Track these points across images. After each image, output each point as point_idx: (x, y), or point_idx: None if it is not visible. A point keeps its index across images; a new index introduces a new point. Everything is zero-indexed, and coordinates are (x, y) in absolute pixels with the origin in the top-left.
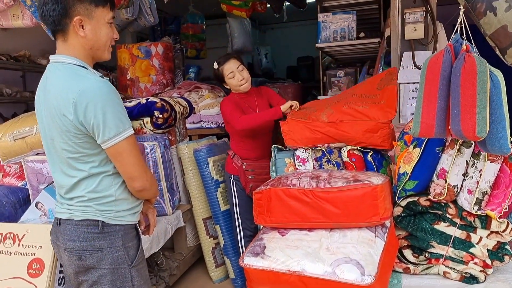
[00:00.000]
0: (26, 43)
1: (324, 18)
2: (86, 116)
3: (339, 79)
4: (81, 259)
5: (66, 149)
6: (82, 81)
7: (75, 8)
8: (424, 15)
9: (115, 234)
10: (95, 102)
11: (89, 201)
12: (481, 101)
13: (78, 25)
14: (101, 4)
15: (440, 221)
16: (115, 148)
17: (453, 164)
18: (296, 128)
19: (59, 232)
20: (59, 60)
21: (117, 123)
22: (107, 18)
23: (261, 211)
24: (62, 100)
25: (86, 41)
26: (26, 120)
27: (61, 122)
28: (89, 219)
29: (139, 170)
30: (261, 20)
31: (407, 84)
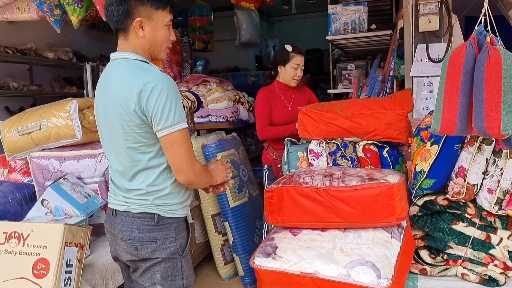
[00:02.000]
0: (32, 36)
1: (334, 10)
2: (148, 104)
3: (350, 72)
4: (137, 249)
5: (126, 139)
6: (146, 74)
7: (137, 10)
8: (439, 6)
9: (168, 227)
10: (157, 92)
11: (147, 195)
12: (507, 97)
13: (138, 26)
14: (161, 7)
15: (458, 221)
16: (168, 138)
17: (472, 162)
18: (310, 120)
19: (115, 222)
20: (122, 56)
21: (174, 115)
22: (166, 21)
23: (273, 210)
24: (126, 91)
25: (144, 41)
26: (31, 115)
27: (124, 112)
28: (146, 212)
29: (186, 162)
30: (269, 12)
31: (420, 77)
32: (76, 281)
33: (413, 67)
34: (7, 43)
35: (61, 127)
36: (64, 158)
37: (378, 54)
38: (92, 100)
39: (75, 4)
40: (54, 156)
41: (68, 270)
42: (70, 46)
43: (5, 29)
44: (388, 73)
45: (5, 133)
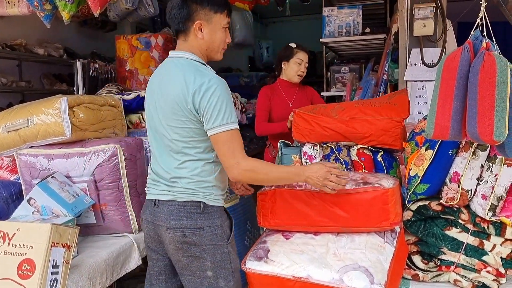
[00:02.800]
0: (22, 32)
1: (329, 13)
2: (201, 104)
3: (343, 75)
4: (185, 236)
5: (178, 133)
6: (203, 75)
7: (197, 13)
8: (434, 11)
9: (213, 215)
10: (210, 94)
11: (193, 184)
12: (500, 103)
13: (198, 28)
14: (220, 10)
15: (452, 227)
16: (215, 137)
17: (467, 167)
18: (304, 122)
19: (159, 212)
20: (181, 55)
21: (223, 116)
22: (223, 23)
23: (265, 212)
24: (183, 90)
25: (203, 43)
26: (19, 112)
27: (179, 108)
28: (193, 200)
29: (229, 161)
30: (263, 13)
31: (414, 82)
32: (62, 282)
33: (407, 71)
34: None
35: (50, 124)
36: (53, 156)
37: (372, 57)
38: (82, 98)
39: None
40: (42, 154)
41: (54, 271)
42: (61, 43)
43: None
44: (382, 76)
45: None
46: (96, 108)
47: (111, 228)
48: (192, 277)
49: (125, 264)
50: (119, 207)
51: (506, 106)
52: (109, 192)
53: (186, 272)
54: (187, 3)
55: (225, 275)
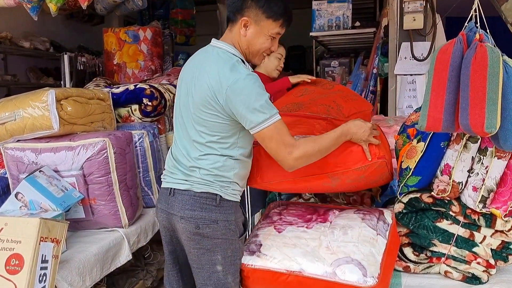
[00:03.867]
0: (7, 25)
1: (319, 6)
2: (235, 102)
3: (333, 69)
4: (199, 227)
5: (205, 125)
6: (238, 71)
7: (248, 10)
8: (424, 4)
9: (229, 209)
10: (247, 92)
11: (213, 176)
12: (492, 95)
13: (243, 25)
14: (273, 17)
15: (442, 219)
16: (259, 135)
17: (458, 159)
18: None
19: (173, 201)
20: (222, 47)
21: (264, 110)
22: (272, 32)
23: (251, 171)
24: (216, 84)
25: (244, 40)
26: (6, 105)
27: (209, 102)
28: (209, 192)
29: (280, 154)
30: None
31: (404, 75)
32: (51, 277)
33: (397, 65)
34: None
35: (37, 118)
36: (40, 150)
37: (362, 51)
38: (70, 91)
39: None
40: (29, 148)
41: (43, 266)
42: (47, 36)
43: None
44: (372, 70)
45: None
46: (85, 102)
47: (101, 223)
48: (201, 270)
49: (115, 259)
50: (108, 201)
51: (498, 98)
52: (98, 186)
53: (195, 264)
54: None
55: (234, 271)
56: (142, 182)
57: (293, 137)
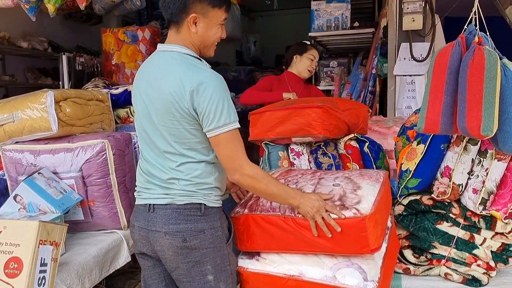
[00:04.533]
0: (5, 25)
1: (317, 7)
2: (200, 105)
3: (332, 70)
4: (186, 240)
5: (174, 134)
6: (199, 72)
7: (193, 6)
8: (423, 5)
9: (214, 216)
10: (211, 92)
11: (194, 186)
12: (488, 98)
13: (192, 22)
14: (218, 5)
15: (443, 221)
16: (216, 139)
17: (458, 162)
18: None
19: (154, 218)
20: (173, 49)
21: (225, 116)
22: (221, 19)
23: (241, 236)
24: (179, 88)
25: (196, 37)
26: (4, 107)
27: (175, 108)
28: (193, 203)
29: (231, 164)
30: (250, 7)
31: (403, 76)
32: (50, 280)
33: (396, 65)
34: None
35: (36, 120)
36: (39, 152)
37: (361, 52)
38: (69, 92)
39: None
40: (28, 150)
41: (42, 270)
42: (45, 36)
43: None
44: (371, 71)
45: None
46: (83, 103)
47: (100, 225)
48: (192, 283)
49: (114, 261)
50: (107, 203)
51: (495, 101)
52: (97, 188)
53: (185, 278)
54: None
55: (225, 278)
56: None
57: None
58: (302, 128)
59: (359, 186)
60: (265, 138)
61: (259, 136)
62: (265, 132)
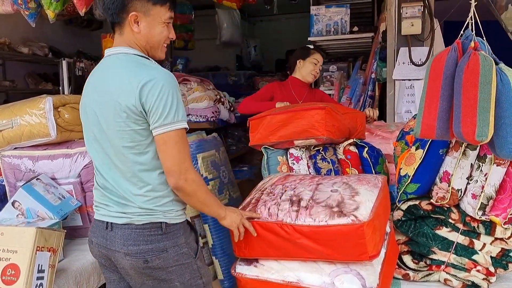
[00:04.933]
0: (6, 30)
1: (317, 11)
2: (148, 100)
3: (332, 74)
4: (147, 261)
5: (122, 137)
6: (148, 69)
7: (133, 4)
8: (422, 10)
9: (177, 233)
10: (159, 89)
11: (150, 203)
12: (483, 103)
13: (133, 21)
14: (160, 2)
15: (442, 226)
16: (163, 137)
17: (457, 167)
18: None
19: (113, 237)
20: (120, 51)
21: (175, 113)
22: (164, 18)
23: (239, 244)
24: (126, 87)
25: (140, 37)
26: (3, 112)
27: (122, 108)
28: (152, 222)
29: (177, 165)
30: (250, 12)
31: (402, 80)
32: (48, 287)
33: (395, 70)
34: None
35: (34, 125)
36: (37, 158)
37: (360, 56)
38: (67, 98)
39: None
40: (26, 156)
41: (39, 276)
42: (45, 42)
43: None
44: (370, 75)
45: None
46: None
47: None
48: None
49: None
50: None
51: (490, 107)
52: None
53: None
54: None
55: None
56: None
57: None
58: (305, 130)
59: (357, 192)
60: (267, 142)
61: (261, 141)
62: (267, 136)
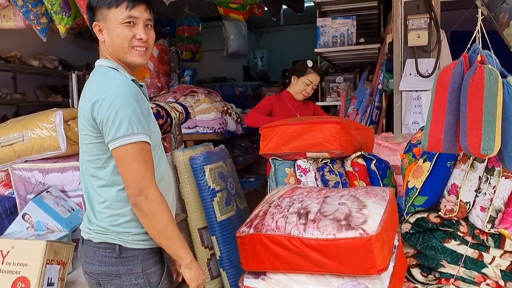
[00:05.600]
0: (17, 44)
1: (323, 23)
2: (99, 113)
3: (338, 85)
4: (100, 284)
5: (85, 151)
6: (106, 81)
7: (94, 15)
8: (428, 21)
9: (134, 259)
10: (111, 100)
11: (105, 221)
12: (488, 117)
13: (98, 32)
14: (113, 5)
15: (450, 239)
16: (119, 151)
17: (465, 179)
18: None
19: (81, 251)
20: (97, 63)
21: (128, 125)
22: (121, 18)
23: (246, 256)
24: (87, 100)
25: (107, 46)
26: (14, 126)
27: (82, 121)
28: (106, 242)
29: (136, 181)
30: (257, 23)
31: (409, 92)
32: None
33: (402, 81)
34: None
35: (45, 139)
36: (48, 170)
37: (366, 67)
38: (77, 111)
39: (63, 13)
40: (37, 168)
41: None
42: (55, 54)
43: None
44: (377, 86)
45: None
46: None
47: None
48: None
49: None
50: None
51: (495, 120)
52: None
53: None
54: (89, 7)
55: None
56: None
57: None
58: (319, 143)
59: (365, 205)
60: (278, 152)
61: (272, 150)
62: (279, 146)
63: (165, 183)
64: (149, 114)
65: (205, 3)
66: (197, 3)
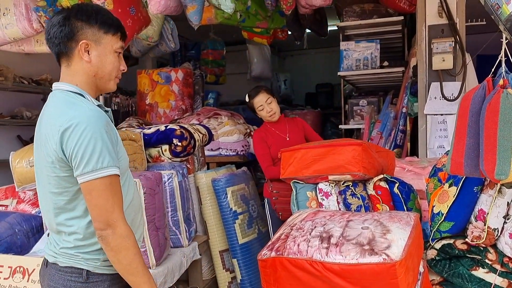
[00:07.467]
0: (48, 67)
1: (346, 47)
2: (67, 145)
3: (362, 108)
4: None
5: (50, 182)
6: (73, 109)
7: (83, 32)
8: (453, 45)
9: (100, 284)
10: (80, 131)
11: (74, 249)
12: (503, 141)
13: (84, 50)
14: (111, 31)
15: (478, 267)
16: (88, 185)
17: (493, 205)
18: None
19: (44, 275)
20: (59, 87)
21: (98, 159)
22: (116, 47)
23: (268, 279)
24: (51, 128)
25: (90, 67)
26: None
27: (47, 152)
28: (73, 267)
29: (103, 216)
30: (280, 46)
31: (434, 115)
32: None
33: (427, 105)
34: (23, 73)
35: None
36: None
37: (390, 90)
38: None
39: None
40: None
41: None
42: None
43: (21, 60)
44: (401, 110)
45: (16, 164)
46: None
47: None
48: None
49: None
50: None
51: (511, 145)
52: None
53: None
54: (70, 20)
55: None
56: (170, 221)
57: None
58: (341, 166)
59: (388, 230)
60: (300, 176)
61: (294, 174)
62: (300, 169)
63: (134, 207)
64: (117, 141)
65: (230, 27)
66: (222, 27)
